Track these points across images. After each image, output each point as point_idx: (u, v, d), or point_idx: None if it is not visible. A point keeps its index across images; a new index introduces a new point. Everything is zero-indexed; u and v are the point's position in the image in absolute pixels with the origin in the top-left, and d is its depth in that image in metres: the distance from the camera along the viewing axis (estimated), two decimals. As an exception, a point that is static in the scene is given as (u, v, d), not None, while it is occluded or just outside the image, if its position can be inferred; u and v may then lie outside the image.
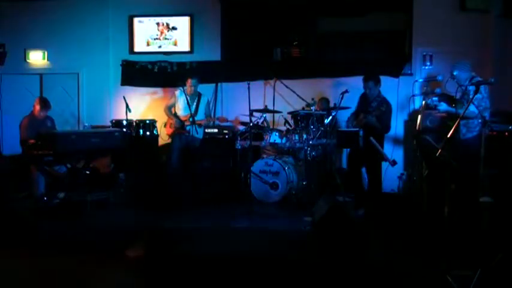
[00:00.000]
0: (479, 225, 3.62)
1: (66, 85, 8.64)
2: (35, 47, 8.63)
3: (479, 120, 5.17)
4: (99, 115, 8.32)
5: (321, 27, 8.05)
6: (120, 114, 7.88)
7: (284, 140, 6.72)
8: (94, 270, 4.06)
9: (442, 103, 5.30)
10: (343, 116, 6.92)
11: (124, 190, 6.82)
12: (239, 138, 6.88)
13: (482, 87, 5.01)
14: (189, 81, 6.92)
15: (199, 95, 7.03)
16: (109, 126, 7.49)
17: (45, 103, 6.63)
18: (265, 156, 6.94)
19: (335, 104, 7.10)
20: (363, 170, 6.27)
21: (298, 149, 6.88)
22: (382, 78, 7.41)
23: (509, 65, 6.98)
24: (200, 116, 6.94)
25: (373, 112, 5.96)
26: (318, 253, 4.27)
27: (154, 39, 8.40)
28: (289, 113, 7.15)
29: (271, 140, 6.74)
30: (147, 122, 7.67)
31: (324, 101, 7.50)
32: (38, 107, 6.58)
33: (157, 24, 8.37)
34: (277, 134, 6.77)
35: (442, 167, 3.69)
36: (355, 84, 6.54)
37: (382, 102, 6.07)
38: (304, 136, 6.51)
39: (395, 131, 7.43)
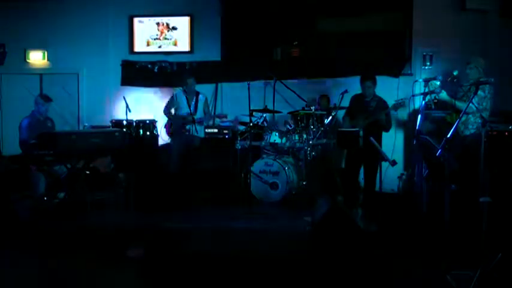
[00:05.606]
0: (479, 225, 3.61)
1: (66, 85, 8.65)
2: (35, 47, 8.64)
3: (478, 120, 5.17)
4: (99, 115, 8.32)
5: (321, 27, 8.05)
6: (120, 114, 7.89)
7: (284, 140, 6.72)
8: (94, 270, 4.06)
9: (443, 91, 5.30)
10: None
11: (124, 190, 6.82)
12: (239, 138, 6.88)
13: (486, 87, 5.02)
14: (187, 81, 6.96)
15: (197, 94, 7.05)
16: (109, 126, 7.49)
17: (46, 97, 6.59)
18: (265, 156, 6.95)
19: (335, 104, 7.11)
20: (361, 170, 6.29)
21: (298, 149, 6.87)
22: (382, 78, 7.42)
23: (509, 65, 6.98)
24: (199, 115, 6.95)
25: (386, 110, 6.06)
26: (318, 253, 4.26)
27: (154, 39, 8.41)
28: (289, 113, 7.15)
29: (271, 140, 6.75)
30: (147, 122, 7.67)
31: (325, 99, 7.50)
32: (41, 103, 6.54)
33: (157, 24, 8.37)
34: (277, 134, 6.77)
35: (442, 167, 3.69)
36: (355, 84, 6.53)
37: (382, 101, 6.13)
38: (304, 136, 6.52)
39: (395, 131, 7.44)
